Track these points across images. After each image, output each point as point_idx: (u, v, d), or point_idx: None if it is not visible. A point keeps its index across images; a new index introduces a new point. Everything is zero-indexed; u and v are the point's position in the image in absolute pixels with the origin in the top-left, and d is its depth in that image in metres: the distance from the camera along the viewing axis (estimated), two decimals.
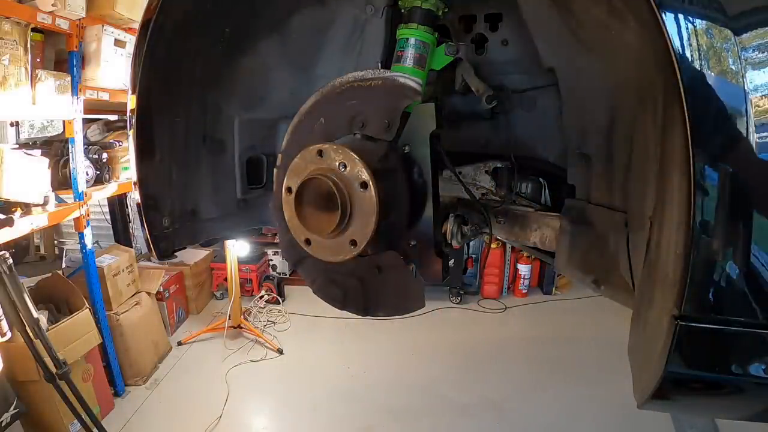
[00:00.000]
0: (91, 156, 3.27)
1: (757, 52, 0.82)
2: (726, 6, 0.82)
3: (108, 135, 3.77)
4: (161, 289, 4.14)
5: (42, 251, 6.07)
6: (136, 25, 1.68)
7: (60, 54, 3.01)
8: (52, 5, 2.59)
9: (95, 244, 3.51)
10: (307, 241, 1.27)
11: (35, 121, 3.69)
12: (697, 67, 0.79)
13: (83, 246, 3.21)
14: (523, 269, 5.11)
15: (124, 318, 3.52)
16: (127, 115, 1.39)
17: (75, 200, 3.07)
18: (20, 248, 5.67)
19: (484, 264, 5.20)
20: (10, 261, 2.25)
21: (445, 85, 1.54)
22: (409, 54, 1.34)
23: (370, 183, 1.14)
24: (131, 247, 4.47)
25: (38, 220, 2.68)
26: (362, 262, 1.30)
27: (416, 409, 3.42)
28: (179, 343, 4.20)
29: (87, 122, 3.61)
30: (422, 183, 1.28)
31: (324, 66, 1.61)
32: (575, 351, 4.07)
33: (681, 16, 0.80)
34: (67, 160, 3.06)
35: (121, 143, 3.54)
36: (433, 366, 3.96)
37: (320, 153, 1.20)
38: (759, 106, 0.80)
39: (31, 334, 2.35)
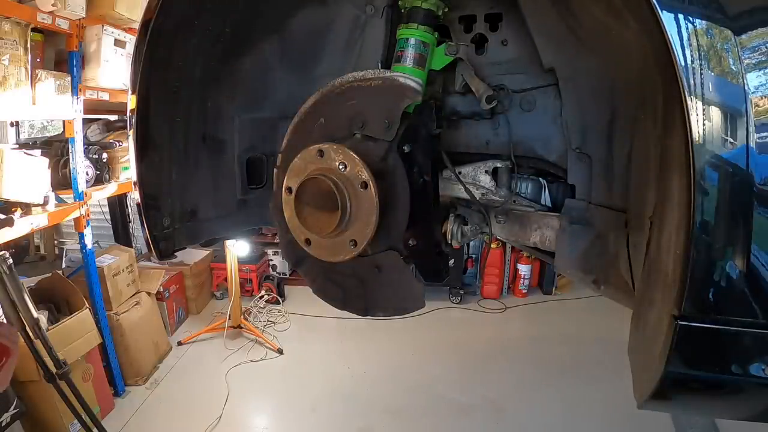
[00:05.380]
0: (91, 156, 3.27)
1: (757, 52, 0.82)
2: (726, 6, 0.82)
3: (108, 135, 3.77)
4: (161, 289, 4.14)
5: (42, 251, 6.08)
6: (136, 25, 1.68)
7: (60, 54, 3.00)
8: (52, 5, 2.58)
9: (95, 244, 3.51)
10: (307, 241, 1.28)
11: (35, 121, 3.70)
12: (697, 67, 0.79)
13: (83, 246, 3.21)
14: (523, 269, 5.11)
15: (124, 318, 3.52)
16: (127, 115, 1.39)
17: (75, 200, 3.07)
18: (20, 248, 5.67)
19: (484, 264, 5.20)
20: (10, 261, 2.25)
21: (445, 85, 1.54)
22: (409, 54, 1.34)
23: (370, 183, 1.15)
24: (131, 247, 4.47)
25: (38, 220, 2.68)
26: (362, 262, 1.30)
27: (416, 409, 3.42)
28: (179, 343, 4.20)
29: (87, 122, 3.61)
30: (422, 183, 1.28)
31: (324, 66, 1.61)
32: (575, 351, 4.07)
33: (681, 16, 0.80)
34: (67, 160, 3.06)
35: (121, 143, 3.54)
36: (433, 366, 3.95)
37: (320, 153, 1.20)
38: (759, 106, 0.80)
39: (31, 334, 2.34)
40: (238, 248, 4.30)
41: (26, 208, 2.63)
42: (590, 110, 1.34)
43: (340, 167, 1.17)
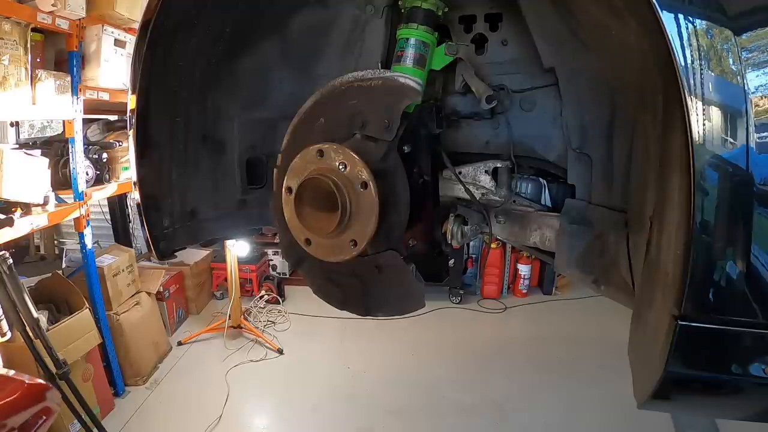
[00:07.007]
0: (91, 156, 3.27)
1: (757, 52, 0.82)
2: (726, 6, 0.82)
3: (108, 135, 3.77)
4: (161, 289, 4.14)
5: (42, 251, 6.07)
6: (136, 25, 1.68)
7: (60, 54, 3.00)
8: (52, 5, 2.58)
9: (95, 244, 3.51)
10: (307, 241, 1.28)
11: (35, 121, 3.70)
12: (697, 67, 0.79)
13: (83, 246, 3.21)
14: (523, 269, 5.10)
15: (124, 318, 3.52)
16: (127, 115, 1.39)
17: (75, 200, 3.07)
18: (20, 248, 5.67)
19: (484, 264, 5.19)
20: (10, 261, 2.25)
21: (445, 85, 1.54)
22: (409, 54, 1.34)
23: (370, 183, 1.15)
24: (131, 247, 4.47)
25: (38, 220, 2.68)
26: (362, 262, 1.30)
27: (416, 409, 3.42)
28: (179, 343, 4.20)
29: (87, 122, 3.61)
30: (422, 183, 1.28)
31: (324, 66, 1.61)
32: (575, 351, 4.06)
33: (681, 16, 0.80)
34: (67, 160, 3.06)
35: (121, 143, 3.54)
36: (433, 366, 3.95)
37: (320, 153, 1.20)
38: (759, 106, 0.80)
39: (31, 334, 2.34)
40: (238, 248, 4.30)
41: (26, 208, 2.63)
42: (590, 110, 1.34)
43: (340, 167, 1.17)
